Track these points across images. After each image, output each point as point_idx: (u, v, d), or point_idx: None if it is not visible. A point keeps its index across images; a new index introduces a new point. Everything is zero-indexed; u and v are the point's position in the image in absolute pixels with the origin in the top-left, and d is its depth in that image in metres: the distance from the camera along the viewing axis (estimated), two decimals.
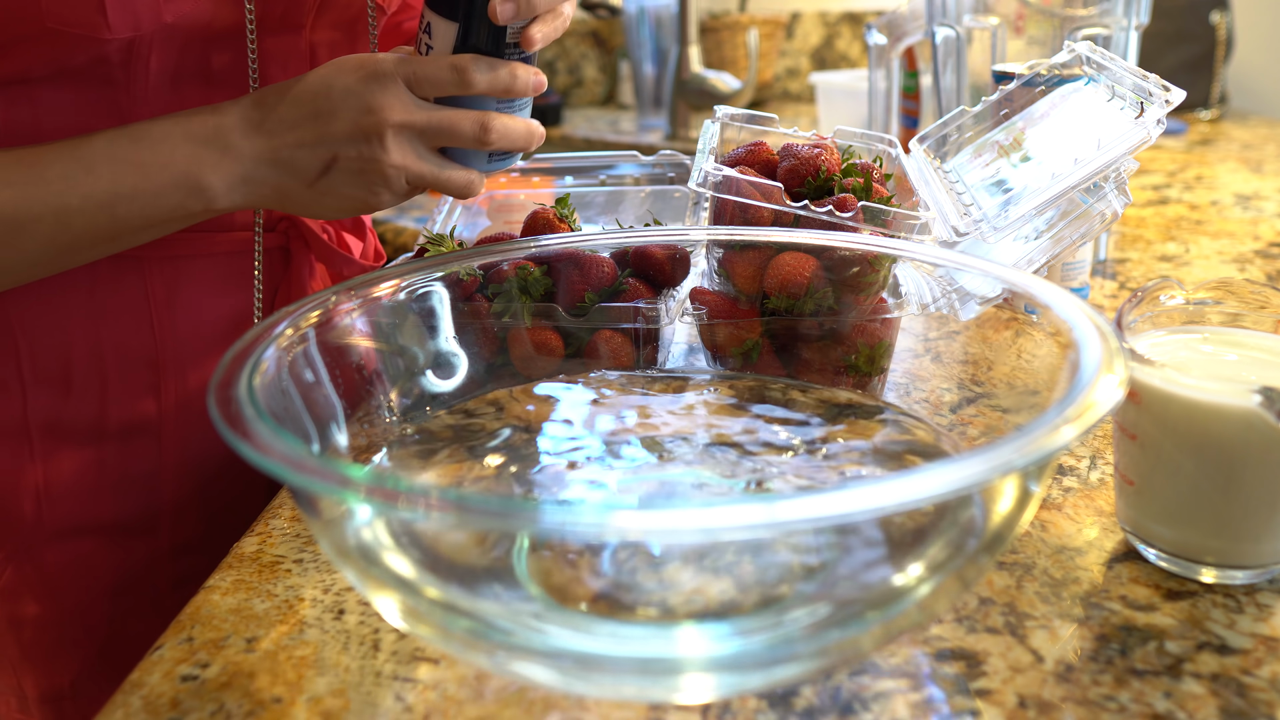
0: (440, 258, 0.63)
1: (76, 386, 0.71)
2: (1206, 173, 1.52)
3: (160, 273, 0.71)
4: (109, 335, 0.70)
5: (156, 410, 0.73)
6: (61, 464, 0.71)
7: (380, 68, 0.60)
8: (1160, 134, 0.67)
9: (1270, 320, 0.56)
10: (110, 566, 0.75)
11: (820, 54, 2.36)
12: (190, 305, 0.73)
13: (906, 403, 0.64)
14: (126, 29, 0.61)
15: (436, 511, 0.36)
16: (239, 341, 0.48)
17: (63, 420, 0.71)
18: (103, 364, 0.71)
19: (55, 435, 0.71)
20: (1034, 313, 0.53)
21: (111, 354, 0.71)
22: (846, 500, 0.34)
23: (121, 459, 0.73)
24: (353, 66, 0.61)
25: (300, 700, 0.46)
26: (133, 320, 0.71)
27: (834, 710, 0.45)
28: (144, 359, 0.72)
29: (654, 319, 0.66)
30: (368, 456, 0.56)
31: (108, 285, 0.70)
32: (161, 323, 0.72)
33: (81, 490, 0.72)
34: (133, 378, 0.72)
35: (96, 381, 0.71)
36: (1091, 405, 0.40)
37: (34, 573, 0.72)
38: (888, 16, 1.32)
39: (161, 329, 0.72)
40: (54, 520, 0.72)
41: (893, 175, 0.77)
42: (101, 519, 0.73)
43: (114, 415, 0.72)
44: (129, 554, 0.75)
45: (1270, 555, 0.52)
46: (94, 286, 0.69)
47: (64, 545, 0.73)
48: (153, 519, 0.76)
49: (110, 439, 0.72)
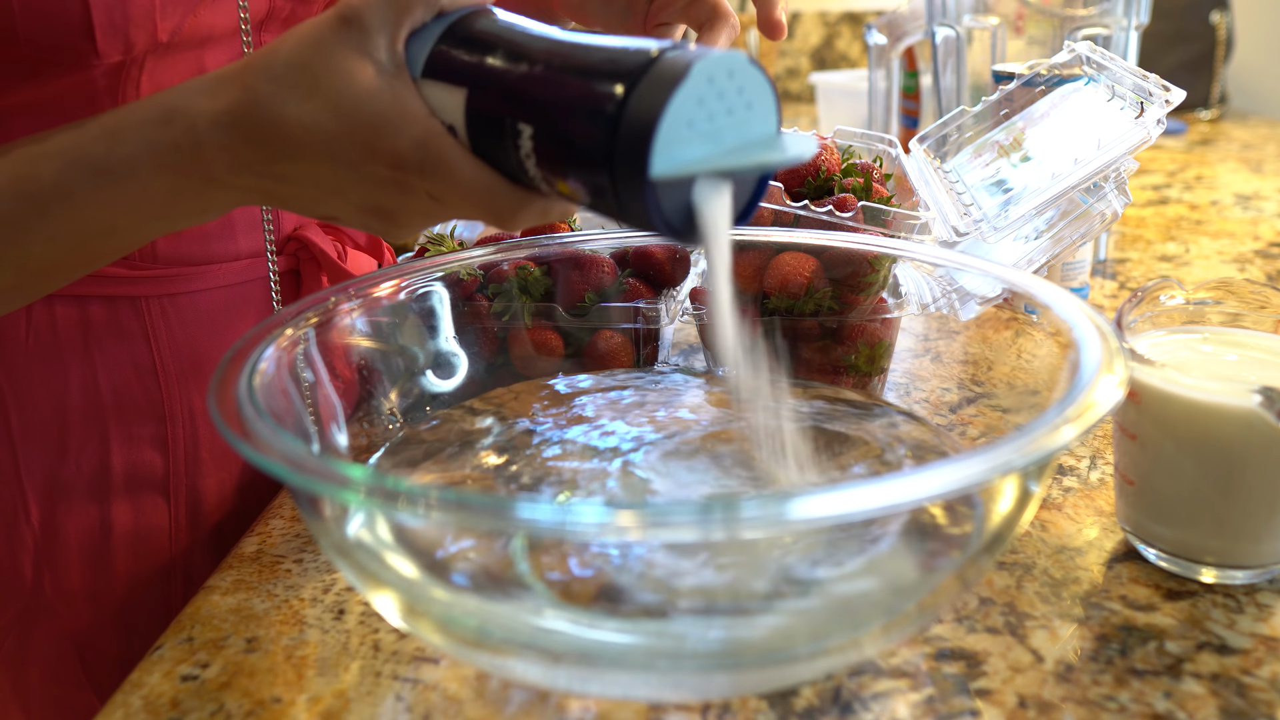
0: (440, 258, 0.63)
1: (74, 442, 0.66)
2: (1206, 173, 1.52)
3: (161, 312, 0.66)
4: (108, 386, 0.65)
5: (162, 463, 0.68)
6: (62, 525, 0.66)
7: (406, 156, 0.45)
8: (1160, 134, 0.67)
9: (1270, 320, 0.56)
10: (119, 621, 0.69)
11: (820, 54, 2.37)
12: (196, 346, 0.68)
13: (906, 403, 0.64)
14: (116, 53, 0.55)
15: (436, 511, 0.36)
16: (239, 341, 0.48)
17: (60, 479, 0.66)
18: (102, 417, 0.66)
19: (52, 494, 0.66)
20: (1034, 313, 0.53)
21: (111, 406, 0.66)
22: (846, 500, 0.34)
23: (129, 515, 0.68)
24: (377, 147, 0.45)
25: (300, 700, 0.46)
26: (133, 368, 0.66)
27: (834, 710, 0.45)
28: (149, 410, 0.67)
29: (654, 319, 0.66)
30: (368, 456, 0.56)
31: (103, 330, 0.65)
32: (167, 369, 0.67)
33: (86, 552, 0.67)
34: (136, 430, 0.67)
35: (96, 436, 0.66)
36: (1091, 405, 0.40)
37: (38, 640, 0.68)
38: (888, 16, 1.32)
39: (167, 376, 0.67)
40: (58, 585, 0.67)
41: (893, 175, 0.77)
42: (111, 581, 0.69)
43: (118, 471, 0.67)
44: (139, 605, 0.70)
45: (1270, 555, 0.52)
46: (88, 333, 0.64)
47: (70, 608, 0.68)
48: (165, 573, 0.71)
49: (116, 495, 0.67)
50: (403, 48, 0.46)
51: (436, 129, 0.45)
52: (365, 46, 0.45)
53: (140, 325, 0.66)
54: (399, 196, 0.46)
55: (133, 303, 0.65)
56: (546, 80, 0.43)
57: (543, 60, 0.43)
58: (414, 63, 0.46)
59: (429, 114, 0.45)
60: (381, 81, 0.45)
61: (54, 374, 0.64)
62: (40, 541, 0.66)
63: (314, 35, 0.45)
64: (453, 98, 0.45)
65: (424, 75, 0.46)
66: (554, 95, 0.42)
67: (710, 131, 0.41)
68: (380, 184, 0.46)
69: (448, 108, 0.45)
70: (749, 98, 0.42)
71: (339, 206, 0.48)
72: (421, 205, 0.47)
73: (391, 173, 0.45)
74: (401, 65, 0.45)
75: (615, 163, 0.40)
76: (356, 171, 0.45)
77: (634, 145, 0.40)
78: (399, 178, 0.45)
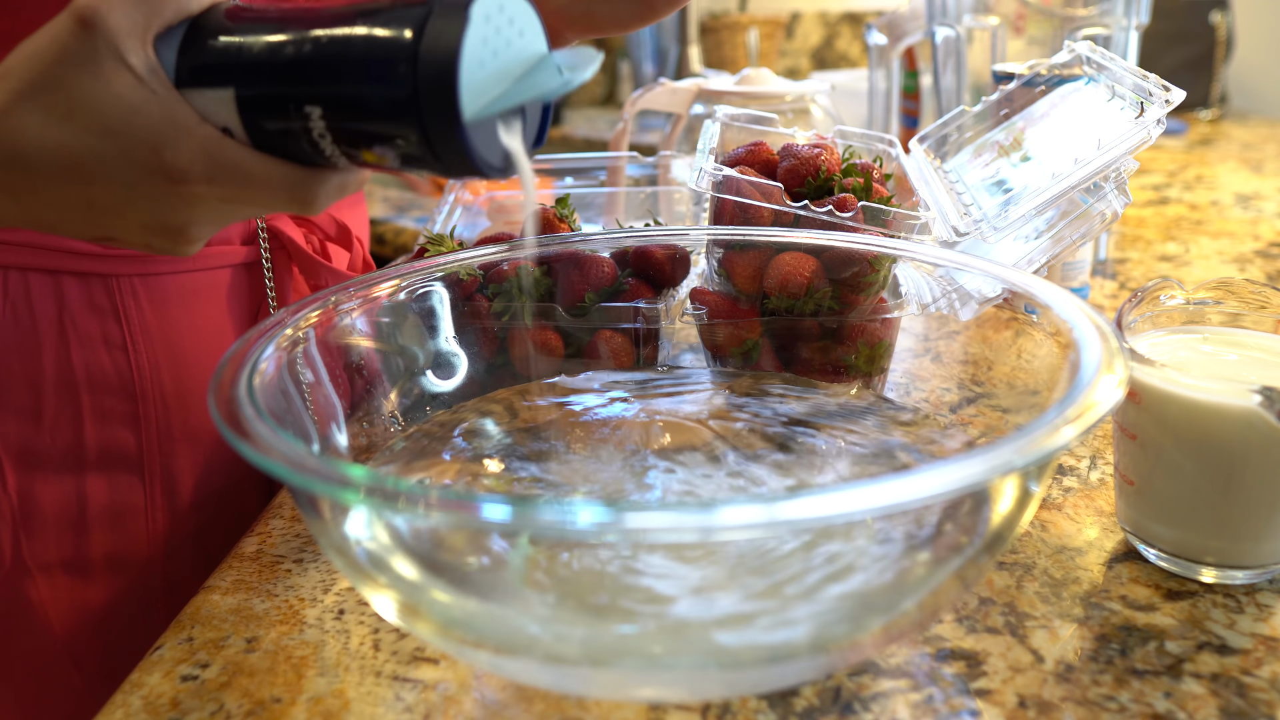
0: (440, 258, 0.63)
1: (48, 414, 0.66)
2: (1206, 173, 1.52)
3: (132, 292, 0.66)
4: (80, 361, 0.66)
5: (135, 442, 0.69)
6: (38, 495, 0.67)
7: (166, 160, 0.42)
8: (1160, 134, 0.67)
9: (1270, 320, 0.56)
10: (101, 602, 0.71)
11: (820, 54, 2.37)
12: (167, 328, 0.68)
13: (907, 403, 0.64)
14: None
15: (436, 511, 0.36)
16: (239, 341, 0.48)
17: (36, 450, 0.66)
18: (75, 391, 0.66)
19: (29, 465, 0.66)
20: (1034, 313, 0.53)
21: (84, 381, 0.66)
22: (847, 500, 0.34)
23: (105, 491, 0.69)
24: (155, 163, 0.42)
25: (300, 700, 0.46)
26: (105, 345, 0.66)
27: (834, 710, 0.45)
28: (120, 387, 0.67)
29: (654, 319, 0.66)
30: (368, 456, 0.56)
31: (76, 306, 0.65)
32: (138, 348, 0.67)
33: (64, 523, 0.68)
34: (109, 406, 0.67)
35: (70, 410, 0.66)
36: (1091, 405, 0.40)
37: (18, 609, 0.68)
38: (888, 16, 1.32)
39: (138, 354, 0.67)
40: (36, 553, 0.68)
41: (893, 175, 0.77)
42: (89, 554, 0.70)
43: (91, 446, 0.67)
44: (121, 590, 0.71)
45: (1270, 555, 0.52)
46: (61, 307, 0.65)
47: (50, 579, 0.69)
48: (145, 556, 0.72)
49: (90, 470, 0.68)
50: (153, 51, 0.42)
51: (213, 134, 0.42)
52: (116, 52, 0.41)
53: (111, 304, 0.66)
54: (186, 209, 0.44)
55: (104, 281, 0.66)
56: (323, 54, 0.41)
57: (310, 36, 0.41)
58: (166, 68, 0.43)
59: (200, 120, 0.42)
60: (144, 91, 0.41)
61: (28, 345, 0.65)
62: (17, 510, 0.67)
63: (55, 46, 0.42)
64: (219, 99, 0.42)
65: (180, 82, 0.43)
66: (338, 66, 0.41)
67: (498, 67, 0.41)
68: (164, 199, 0.43)
69: (217, 110, 0.43)
70: (520, 25, 0.42)
71: (118, 227, 0.45)
72: (211, 212, 0.45)
73: (175, 186, 0.43)
74: (157, 69, 0.42)
75: (424, 115, 0.40)
76: (135, 190, 0.43)
77: (440, 92, 0.39)
78: (184, 190, 0.43)
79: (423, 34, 0.39)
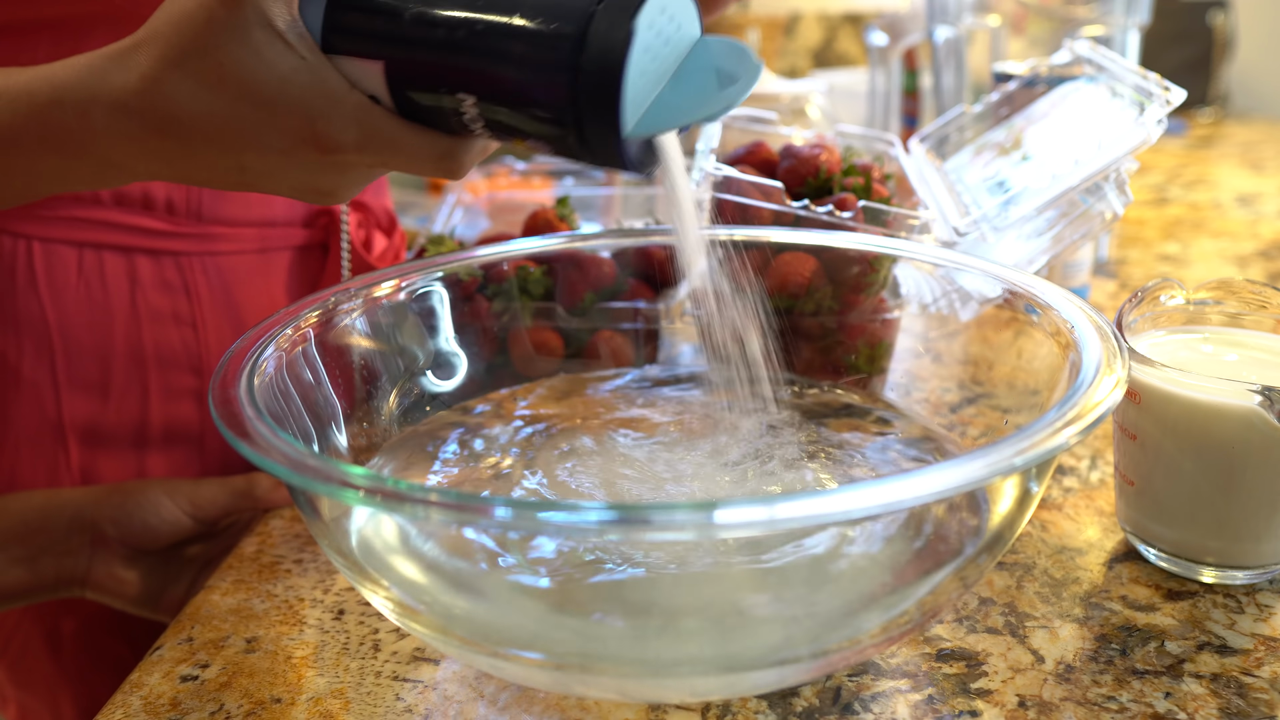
0: (440, 258, 0.63)
1: (116, 390, 0.68)
2: (1206, 173, 1.52)
3: (202, 269, 0.69)
4: (150, 337, 0.68)
5: (198, 417, 0.71)
6: (100, 471, 0.69)
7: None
8: (1160, 134, 0.67)
9: (1270, 320, 0.56)
10: None
11: (820, 54, 2.37)
12: (231, 305, 0.70)
13: (906, 403, 0.64)
14: None
15: (436, 511, 0.36)
16: (239, 341, 0.48)
17: (102, 426, 0.68)
18: (144, 368, 0.68)
19: (93, 440, 0.68)
20: (1034, 313, 0.53)
21: (153, 357, 0.68)
22: (846, 500, 0.34)
23: (164, 467, 0.71)
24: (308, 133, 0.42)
25: (300, 700, 0.46)
26: (174, 321, 0.69)
27: (834, 710, 0.45)
28: (187, 363, 0.69)
29: (654, 319, 0.66)
30: (368, 456, 0.56)
31: (148, 283, 0.67)
32: (204, 323, 0.69)
33: None
34: (175, 382, 0.69)
35: (137, 386, 0.68)
36: (1091, 405, 0.40)
37: None
38: (888, 17, 1.32)
39: (206, 330, 0.69)
40: None
41: (893, 175, 0.77)
42: None
43: (155, 421, 0.69)
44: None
45: (1270, 555, 0.52)
46: (134, 284, 0.67)
47: None
48: None
49: (152, 446, 0.70)
50: (299, 14, 0.41)
51: (363, 103, 0.41)
52: (264, 18, 0.39)
53: (182, 281, 0.68)
54: (337, 175, 0.44)
55: (175, 259, 0.68)
56: (481, 45, 0.39)
57: (463, 19, 0.39)
58: (312, 32, 0.41)
59: (350, 88, 0.41)
60: (293, 59, 0.40)
61: (100, 322, 0.67)
62: (79, 485, 0.68)
63: (204, 11, 0.40)
64: (368, 70, 0.40)
65: (327, 47, 0.41)
66: (496, 62, 0.39)
67: (656, 70, 0.39)
68: (316, 167, 0.43)
69: (364, 78, 0.41)
70: (678, 20, 0.40)
71: (269, 187, 0.45)
72: (361, 176, 0.44)
73: (327, 156, 0.42)
74: (305, 35, 0.40)
75: (584, 125, 0.38)
76: (288, 158, 0.42)
77: (601, 101, 0.37)
78: (336, 160, 0.42)
79: (585, 40, 0.37)
